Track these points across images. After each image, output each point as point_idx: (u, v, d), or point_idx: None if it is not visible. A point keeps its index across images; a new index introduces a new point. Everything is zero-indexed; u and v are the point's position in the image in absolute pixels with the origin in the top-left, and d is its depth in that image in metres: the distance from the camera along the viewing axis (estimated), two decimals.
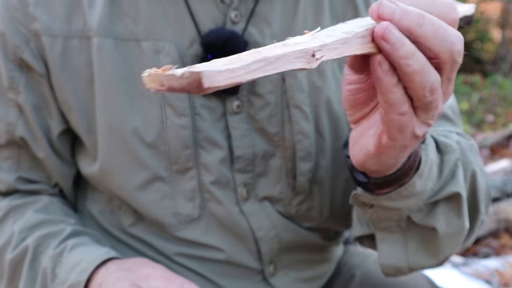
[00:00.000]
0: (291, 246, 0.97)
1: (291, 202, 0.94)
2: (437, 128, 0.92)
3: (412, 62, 0.56)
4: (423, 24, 0.56)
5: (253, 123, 0.91)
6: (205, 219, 0.93)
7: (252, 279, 0.96)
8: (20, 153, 0.95)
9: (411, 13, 0.56)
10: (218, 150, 0.90)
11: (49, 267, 0.87)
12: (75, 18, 0.88)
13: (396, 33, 0.55)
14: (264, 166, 0.92)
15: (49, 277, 0.87)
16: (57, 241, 0.90)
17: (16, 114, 0.92)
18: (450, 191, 0.79)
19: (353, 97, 0.66)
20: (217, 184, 0.91)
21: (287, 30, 0.90)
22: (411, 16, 0.56)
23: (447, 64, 0.59)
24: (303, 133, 0.91)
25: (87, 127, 0.90)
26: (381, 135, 0.63)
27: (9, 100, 0.91)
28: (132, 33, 0.87)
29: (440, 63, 0.58)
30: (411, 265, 0.82)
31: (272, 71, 0.50)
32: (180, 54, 0.87)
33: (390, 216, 0.79)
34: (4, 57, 0.90)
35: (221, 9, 0.88)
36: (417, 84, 0.57)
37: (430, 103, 0.59)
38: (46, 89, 0.91)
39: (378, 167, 0.68)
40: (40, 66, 0.89)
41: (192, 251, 0.93)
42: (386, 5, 0.56)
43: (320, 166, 0.93)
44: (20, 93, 0.91)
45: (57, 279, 0.86)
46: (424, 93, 0.58)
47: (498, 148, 4.69)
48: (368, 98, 0.65)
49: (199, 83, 0.45)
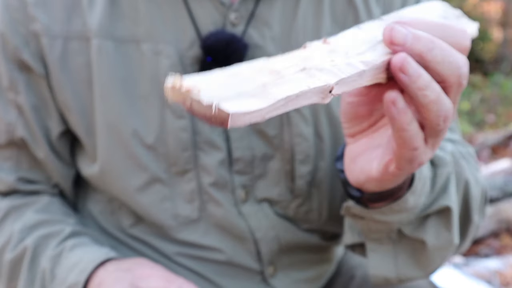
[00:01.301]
0: (290, 247, 0.97)
1: (289, 204, 0.95)
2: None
3: (429, 93, 0.56)
4: (433, 48, 0.56)
5: (252, 125, 0.91)
6: (204, 221, 0.93)
7: (252, 280, 0.96)
8: (20, 153, 0.94)
9: (422, 39, 0.56)
10: (217, 152, 0.90)
11: (48, 268, 0.87)
12: (74, 19, 0.88)
13: (413, 64, 0.55)
14: (263, 168, 0.92)
15: (48, 278, 0.87)
16: (56, 242, 0.90)
17: (16, 115, 0.92)
18: (441, 205, 0.80)
19: (353, 110, 0.65)
20: (216, 185, 0.91)
21: (287, 32, 0.90)
22: (422, 41, 0.56)
23: (454, 88, 0.59)
24: (302, 136, 0.91)
25: (86, 128, 0.90)
26: (388, 164, 0.63)
27: (9, 101, 0.91)
28: (131, 34, 0.87)
29: (447, 87, 0.58)
30: (400, 276, 0.83)
31: (291, 107, 0.51)
32: (180, 56, 0.87)
33: (381, 228, 0.80)
34: (4, 58, 0.90)
35: (221, 11, 0.88)
36: (433, 114, 0.57)
37: (442, 131, 0.60)
38: (45, 90, 0.91)
39: (377, 189, 0.69)
40: (40, 67, 0.89)
41: (192, 252, 0.94)
42: (398, 31, 0.56)
43: (319, 169, 0.94)
44: (20, 93, 0.91)
45: (56, 279, 0.86)
46: (438, 122, 0.58)
47: (499, 148, 4.68)
48: (369, 112, 0.65)
49: (223, 121, 0.46)
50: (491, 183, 3.26)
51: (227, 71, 0.49)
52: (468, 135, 5.32)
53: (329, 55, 0.55)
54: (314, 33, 0.91)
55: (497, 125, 5.84)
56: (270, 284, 0.97)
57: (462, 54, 0.59)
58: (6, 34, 0.89)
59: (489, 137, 5.01)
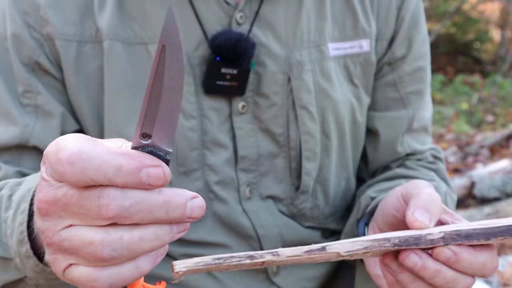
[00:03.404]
0: (293, 244, 0.98)
1: (293, 201, 0.96)
2: (418, 145, 1.04)
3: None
4: (436, 277, 0.68)
5: (258, 124, 0.93)
6: (210, 219, 0.94)
7: (256, 277, 0.97)
8: (21, 157, 0.90)
9: (428, 269, 0.67)
10: (223, 150, 0.91)
11: (5, 194, 0.77)
12: (87, 22, 0.88)
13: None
14: (268, 166, 0.94)
15: (4, 205, 0.76)
16: (22, 180, 0.80)
17: (33, 120, 0.89)
18: None
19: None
20: (221, 183, 0.92)
21: (292, 32, 0.92)
22: (428, 270, 0.67)
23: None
24: (310, 134, 0.93)
25: (99, 132, 0.90)
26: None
27: (25, 106, 0.89)
28: (139, 36, 0.88)
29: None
30: None
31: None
32: (188, 56, 0.88)
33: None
34: (19, 61, 0.89)
35: (226, 11, 0.90)
36: None
37: None
38: (61, 92, 0.90)
39: None
40: (56, 69, 0.89)
41: (198, 251, 0.94)
42: (411, 258, 0.67)
43: (323, 166, 0.96)
44: (40, 94, 0.89)
45: (12, 202, 0.74)
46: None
47: (498, 148, 4.69)
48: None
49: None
50: (489, 183, 3.27)
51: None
52: (466, 135, 5.33)
53: None
54: (317, 33, 0.94)
55: (495, 125, 5.85)
56: (274, 282, 0.98)
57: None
58: (20, 37, 0.88)
59: (487, 137, 5.02)
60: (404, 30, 1.00)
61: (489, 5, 8.79)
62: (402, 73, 1.01)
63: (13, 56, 0.88)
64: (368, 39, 0.97)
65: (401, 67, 1.01)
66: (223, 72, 0.89)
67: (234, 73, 0.90)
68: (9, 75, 0.89)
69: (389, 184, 0.95)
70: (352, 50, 0.97)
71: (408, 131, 1.03)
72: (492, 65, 8.06)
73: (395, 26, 1.00)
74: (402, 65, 1.01)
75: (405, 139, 1.03)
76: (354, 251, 0.65)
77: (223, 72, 0.89)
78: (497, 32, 8.67)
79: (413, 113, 1.02)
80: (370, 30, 0.97)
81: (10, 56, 0.88)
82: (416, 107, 1.03)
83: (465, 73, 7.50)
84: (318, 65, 0.94)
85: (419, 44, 1.02)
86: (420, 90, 1.03)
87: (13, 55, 0.88)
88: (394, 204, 0.78)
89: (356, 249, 0.65)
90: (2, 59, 0.89)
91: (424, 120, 1.05)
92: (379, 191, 0.94)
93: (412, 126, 1.03)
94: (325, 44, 0.94)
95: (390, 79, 1.01)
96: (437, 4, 7.89)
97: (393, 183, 0.95)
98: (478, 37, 8.31)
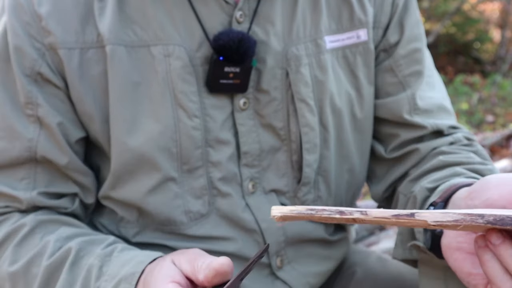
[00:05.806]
0: (296, 239, 0.99)
1: (296, 194, 0.98)
2: (437, 121, 1.00)
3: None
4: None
5: (259, 119, 0.95)
6: (214, 214, 0.95)
7: (261, 272, 0.98)
8: (36, 171, 0.92)
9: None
10: (226, 147, 0.93)
11: (96, 265, 0.85)
12: (88, 28, 0.89)
13: None
14: (270, 160, 0.96)
15: (94, 276, 0.84)
16: (103, 245, 0.88)
17: (37, 130, 0.90)
18: None
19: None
20: (224, 180, 0.94)
21: (288, 28, 0.94)
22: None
23: None
24: (309, 126, 0.95)
25: (108, 135, 0.91)
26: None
27: (28, 116, 0.90)
28: (141, 39, 0.89)
29: None
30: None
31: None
32: (190, 57, 0.90)
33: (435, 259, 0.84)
34: (21, 73, 0.89)
35: (226, 10, 0.91)
36: None
37: None
38: (64, 101, 0.91)
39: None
40: (58, 79, 0.90)
41: (202, 246, 0.94)
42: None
43: (324, 157, 0.98)
44: (40, 106, 0.90)
45: (105, 275, 0.83)
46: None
47: (498, 148, 4.70)
48: None
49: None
50: None
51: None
52: None
53: None
54: (313, 27, 0.96)
55: (495, 125, 5.85)
56: (278, 277, 0.99)
57: None
58: (22, 48, 0.88)
59: (487, 137, 5.02)
60: (396, 16, 1.01)
61: (489, 5, 8.78)
62: (397, 57, 1.02)
63: (16, 68, 0.89)
64: (365, 28, 0.99)
65: (396, 52, 1.02)
66: (226, 71, 0.91)
67: (237, 71, 0.91)
68: (13, 89, 0.90)
69: (442, 173, 0.93)
70: (350, 41, 0.98)
71: (415, 111, 1.01)
72: (492, 65, 8.06)
73: (390, 14, 1.01)
74: (397, 50, 1.02)
75: (415, 119, 1.01)
76: (444, 221, 0.63)
77: (226, 71, 0.91)
78: (497, 32, 8.67)
79: (412, 93, 1.01)
80: (366, 19, 0.99)
81: (13, 69, 0.89)
82: (414, 87, 1.02)
83: (465, 73, 7.50)
84: (315, 59, 0.95)
85: (412, 26, 1.03)
86: (418, 71, 1.03)
87: (15, 68, 0.89)
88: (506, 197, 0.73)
89: (446, 220, 0.63)
90: (5, 72, 0.90)
91: (433, 99, 1.03)
92: (435, 181, 0.91)
93: (418, 106, 1.01)
94: (321, 38, 0.96)
95: (387, 65, 1.02)
96: (437, 4, 7.89)
97: (447, 172, 0.92)
98: (478, 37, 8.31)
